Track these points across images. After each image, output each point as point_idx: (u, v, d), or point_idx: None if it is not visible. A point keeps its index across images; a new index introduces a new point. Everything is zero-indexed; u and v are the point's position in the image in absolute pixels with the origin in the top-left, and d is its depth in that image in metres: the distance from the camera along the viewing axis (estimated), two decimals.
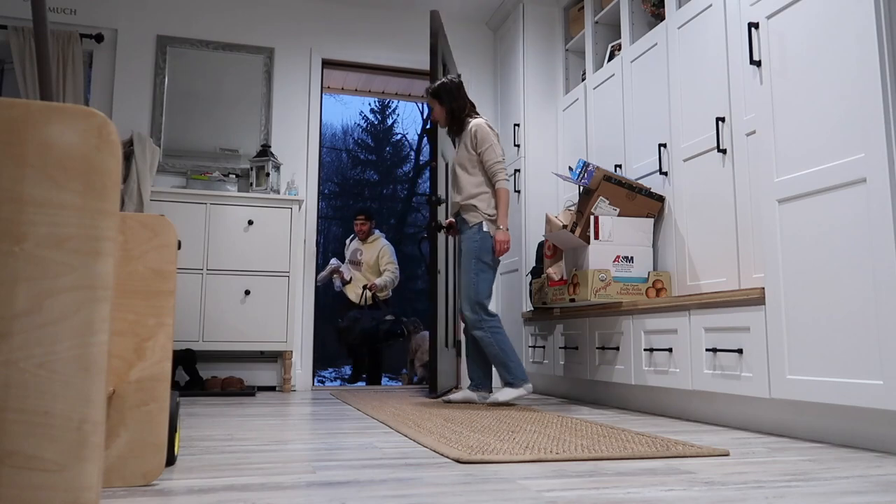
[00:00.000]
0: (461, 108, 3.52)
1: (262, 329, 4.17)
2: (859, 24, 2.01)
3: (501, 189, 3.35)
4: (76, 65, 4.27)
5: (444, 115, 3.55)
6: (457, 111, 3.52)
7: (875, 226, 1.92)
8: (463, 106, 3.52)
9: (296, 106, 4.79)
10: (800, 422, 2.24)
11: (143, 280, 1.45)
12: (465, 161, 3.43)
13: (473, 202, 3.39)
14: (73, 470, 0.90)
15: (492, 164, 3.37)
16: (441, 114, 3.57)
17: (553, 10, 4.65)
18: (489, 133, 3.40)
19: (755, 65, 2.42)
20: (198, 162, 4.54)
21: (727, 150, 2.83)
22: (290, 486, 1.44)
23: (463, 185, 3.43)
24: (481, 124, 3.43)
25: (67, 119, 0.94)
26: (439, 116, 3.59)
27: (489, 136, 3.39)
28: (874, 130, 1.94)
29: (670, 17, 3.28)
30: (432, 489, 1.42)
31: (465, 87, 3.60)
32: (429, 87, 3.63)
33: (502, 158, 3.40)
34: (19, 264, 0.91)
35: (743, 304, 2.43)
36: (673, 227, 3.18)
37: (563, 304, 3.53)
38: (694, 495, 1.38)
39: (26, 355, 0.90)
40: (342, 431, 2.35)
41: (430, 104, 3.62)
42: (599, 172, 3.33)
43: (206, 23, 4.69)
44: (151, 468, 1.43)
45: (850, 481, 1.53)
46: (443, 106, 3.54)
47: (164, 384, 1.45)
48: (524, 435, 2.19)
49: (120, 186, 1.14)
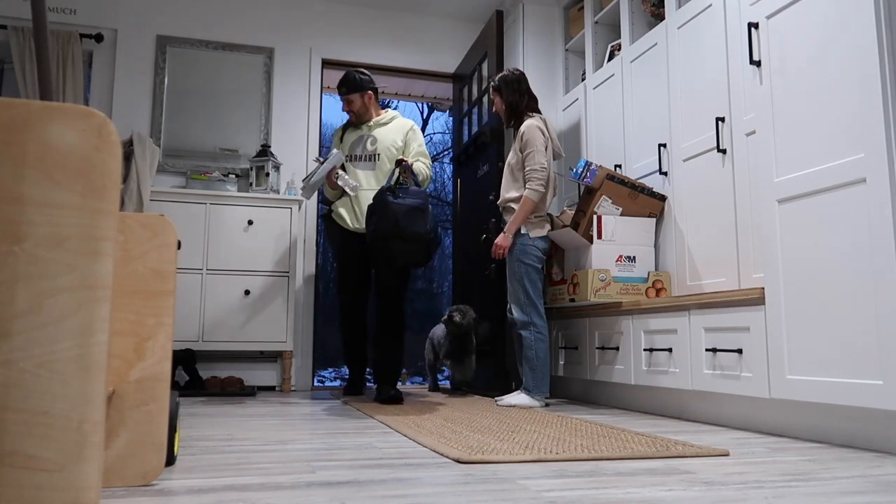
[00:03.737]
0: (518, 102, 3.49)
1: (261, 329, 4.17)
2: (859, 25, 2.01)
3: (527, 198, 3.27)
4: (76, 65, 4.27)
5: (504, 108, 3.55)
6: (514, 105, 3.50)
7: (875, 226, 1.92)
8: (520, 100, 3.49)
9: (296, 106, 4.79)
10: (800, 422, 2.24)
11: (143, 280, 1.45)
12: (513, 162, 3.41)
13: (511, 205, 3.38)
14: (73, 470, 0.90)
15: (528, 171, 3.29)
16: (500, 107, 3.57)
17: (553, 10, 4.65)
18: (537, 137, 3.32)
19: (755, 65, 2.42)
20: (198, 162, 4.53)
21: (727, 150, 2.83)
22: (290, 486, 1.44)
23: (504, 187, 3.44)
24: (531, 126, 3.36)
25: (67, 119, 0.94)
26: (499, 109, 3.59)
27: (534, 141, 3.31)
28: (874, 130, 1.94)
29: (670, 17, 3.28)
30: (432, 489, 1.42)
31: (527, 81, 3.57)
32: (492, 78, 3.71)
33: (542, 167, 3.28)
34: (19, 264, 0.91)
35: (743, 304, 2.43)
36: (673, 227, 3.18)
37: (562, 304, 3.53)
38: (694, 495, 1.38)
39: (26, 355, 0.90)
40: (342, 431, 2.35)
41: (493, 97, 3.63)
42: (602, 171, 3.33)
43: (206, 23, 4.69)
44: (151, 468, 1.43)
45: (850, 481, 1.53)
46: (502, 98, 3.54)
47: (164, 384, 1.45)
48: (524, 435, 2.19)
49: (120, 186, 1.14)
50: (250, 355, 4.42)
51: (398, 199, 3.13)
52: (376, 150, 3.80)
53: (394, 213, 3.08)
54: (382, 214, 3.10)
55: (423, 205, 3.15)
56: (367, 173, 3.77)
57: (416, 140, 3.87)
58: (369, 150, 3.82)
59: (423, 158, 3.77)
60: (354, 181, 3.73)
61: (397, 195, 3.15)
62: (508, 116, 3.53)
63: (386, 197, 3.14)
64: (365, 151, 3.82)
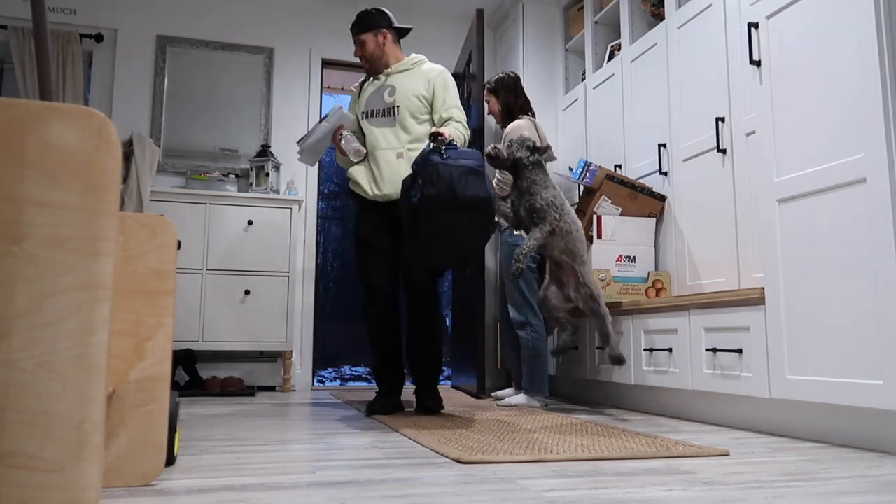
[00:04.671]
0: (514, 103, 3.52)
1: (261, 329, 4.17)
2: (859, 24, 2.01)
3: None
4: (76, 65, 4.27)
5: (499, 110, 3.56)
6: (511, 106, 3.52)
7: (875, 226, 1.92)
8: (514, 102, 3.52)
9: (296, 106, 4.79)
10: (800, 422, 2.24)
11: (142, 280, 1.45)
12: None
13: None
14: (73, 470, 0.90)
15: None
16: (495, 108, 3.58)
17: (553, 10, 4.65)
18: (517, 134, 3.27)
19: (755, 65, 2.42)
20: (197, 162, 4.53)
21: (727, 150, 2.83)
22: (290, 486, 1.44)
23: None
24: (516, 126, 3.37)
25: (67, 119, 0.94)
26: (494, 110, 3.60)
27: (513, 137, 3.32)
28: (874, 130, 1.94)
29: (670, 16, 3.28)
30: (432, 489, 1.42)
31: (521, 83, 3.60)
32: (488, 81, 3.64)
33: None
34: (19, 264, 0.91)
35: (743, 304, 2.43)
36: (673, 227, 3.18)
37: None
38: (694, 495, 1.38)
39: (26, 355, 0.90)
40: (342, 431, 2.35)
41: (488, 99, 3.61)
42: (602, 172, 3.33)
43: (206, 23, 4.69)
44: (151, 468, 1.43)
45: (850, 481, 1.53)
46: (498, 100, 3.55)
47: (164, 384, 1.45)
48: (524, 435, 2.19)
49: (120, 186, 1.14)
50: (250, 355, 4.42)
51: (447, 160, 2.53)
52: (395, 102, 3.05)
53: (446, 176, 2.47)
54: (430, 179, 2.49)
55: (479, 165, 2.57)
56: (384, 130, 3.03)
57: (448, 91, 3.07)
58: (387, 102, 3.07)
59: (458, 117, 3.02)
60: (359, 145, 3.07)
61: (445, 156, 2.54)
62: (504, 118, 3.55)
63: (432, 158, 2.54)
64: (383, 104, 3.08)
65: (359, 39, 3.13)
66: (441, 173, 2.48)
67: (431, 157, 2.54)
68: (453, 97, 3.07)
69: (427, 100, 3.04)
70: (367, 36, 3.12)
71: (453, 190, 2.45)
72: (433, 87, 3.06)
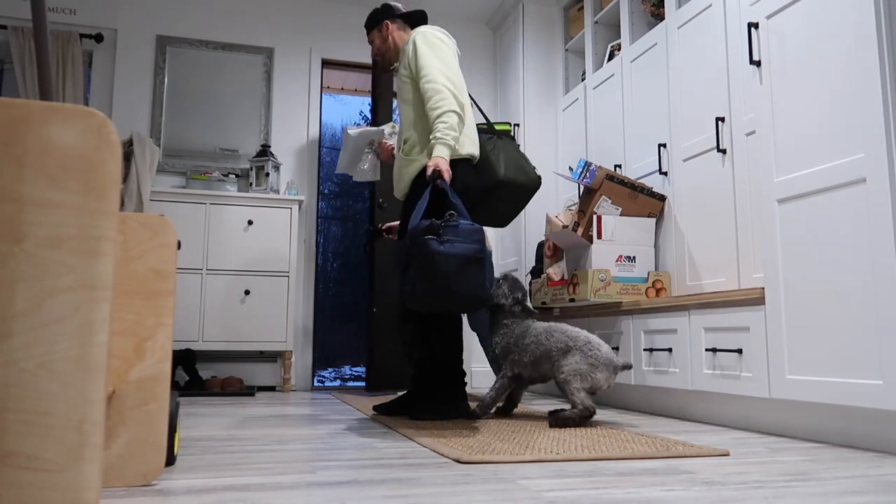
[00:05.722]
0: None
1: (261, 329, 4.17)
2: (859, 24, 2.01)
3: None
4: (76, 65, 4.27)
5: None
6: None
7: (875, 226, 1.92)
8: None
9: (296, 106, 4.79)
10: (800, 422, 2.24)
11: (142, 280, 1.45)
12: None
13: None
14: (73, 470, 0.90)
15: None
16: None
17: (553, 10, 4.65)
18: None
19: (755, 65, 2.42)
20: (198, 162, 4.54)
21: (727, 149, 2.83)
22: (290, 486, 1.44)
23: None
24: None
25: (67, 119, 0.94)
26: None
27: None
28: (874, 130, 1.94)
29: (670, 16, 3.28)
30: (432, 489, 1.42)
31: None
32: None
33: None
34: (19, 264, 0.91)
35: (743, 304, 2.43)
36: (673, 227, 3.18)
37: (562, 304, 3.53)
38: (694, 495, 1.38)
39: (26, 355, 0.90)
40: (342, 431, 2.35)
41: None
42: (602, 171, 3.33)
43: (206, 23, 4.69)
44: (151, 468, 1.43)
45: (850, 481, 1.53)
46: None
47: (164, 384, 1.45)
48: (524, 435, 2.19)
49: (120, 186, 1.14)
50: (250, 355, 4.42)
51: (445, 245, 2.20)
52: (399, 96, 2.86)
53: (442, 271, 2.17)
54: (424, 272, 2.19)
55: (479, 251, 2.23)
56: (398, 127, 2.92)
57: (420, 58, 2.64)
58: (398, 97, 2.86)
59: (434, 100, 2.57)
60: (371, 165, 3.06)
61: (443, 238, 2.20)
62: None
63: (429, 243, 2.20)
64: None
65: (369, 39, 3.01)
66: (437, 265, 2.18)
67: (428, 242, 2.20)
68: (427, 62, 2.62)
69: (411, 78, 2.71)
70: (374, 33, 2.98)
71: (449, 287, 2.18)
72: (408, 61, 2.71)
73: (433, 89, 2.57)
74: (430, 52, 2.65)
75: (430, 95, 2.57)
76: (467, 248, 2.21)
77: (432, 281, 2.18)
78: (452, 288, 2.18)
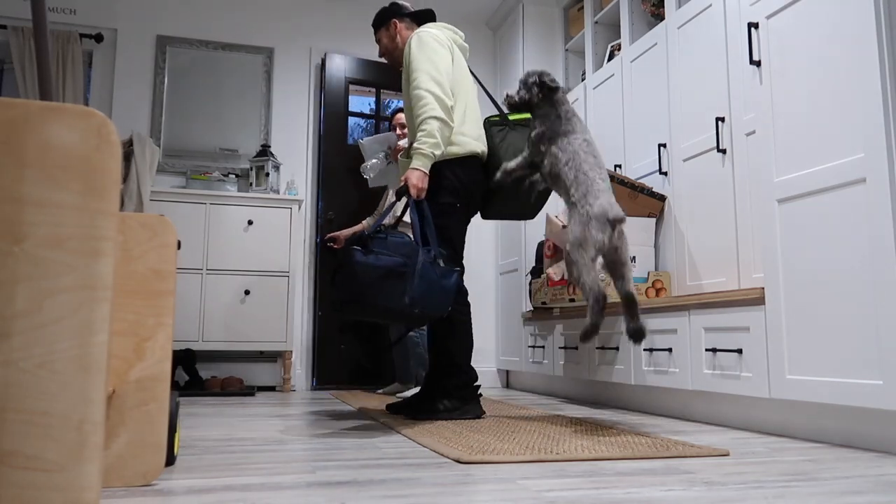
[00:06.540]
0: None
1: (261, 329, 4.17)
2: (859, 24, 2.01)
3: None
4: (76, 65, 4.27)
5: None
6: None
7: (875, 226, 1.92)
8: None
9: (296, 106, 4.79)
10: (799, 422, 2.24)
11: (142, 280, 1.45)
12: None
13: None
14: (73, 470, 0.90)
15: None
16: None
17: (553, 10, 4.65)
18: None
19: (755, 65, 2.42)
20: (198, 162, 4.54)
21: (727, 150, 2.83)
22: (289, 486, 1.44)
23: None
24: None
25: (67, 119, 0.94)
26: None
27: None
28: (874, 130, 1.94)
29: (670, 16, 3.28)
30: (432, 489, 1.42)
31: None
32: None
33: None
34: (19, 264, 0.91)
35: (743, 304, 2.43)
36: (673, 227, 3.18)
37: (562, 304, 3.53)
38: (694, 495, 1.38)
39: (26, 355, 0.90)
40: (342, 431, 2.35)
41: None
42: None
43: (206, 23, 4.69)
44: (151, 468, 1.43)
45: (850, 481, 1.53)
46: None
47: (164, 384, 1.45)
48: (524, 435, 2.19)
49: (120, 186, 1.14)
50: (250, 355, 4.42)
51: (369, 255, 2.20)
52: None
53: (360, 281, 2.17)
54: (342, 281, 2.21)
55: (402, 264, 2.23)
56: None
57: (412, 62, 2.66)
58: None
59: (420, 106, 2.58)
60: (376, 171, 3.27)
61: (369, 249, 2.21)
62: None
63: (354, 254, 2.20)
64: None
65: (376, 38, 3.00)
66: (357, 276, 2.18)
67: (352, 252, 2.20)
68: (416, 65, 2.62)
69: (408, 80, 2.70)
70: (381, 32, 2.97)
71: (365, 298, 2.18)
72: (406, 63, 2.72)
73: (416, 96, 2.60)
74: (421, 55, 2.65)
75: (415, 103, 2.60)
76: (391, 261, 2.21)
77: (349, 290, 2.19)
78: (368, 299, 2.18)
